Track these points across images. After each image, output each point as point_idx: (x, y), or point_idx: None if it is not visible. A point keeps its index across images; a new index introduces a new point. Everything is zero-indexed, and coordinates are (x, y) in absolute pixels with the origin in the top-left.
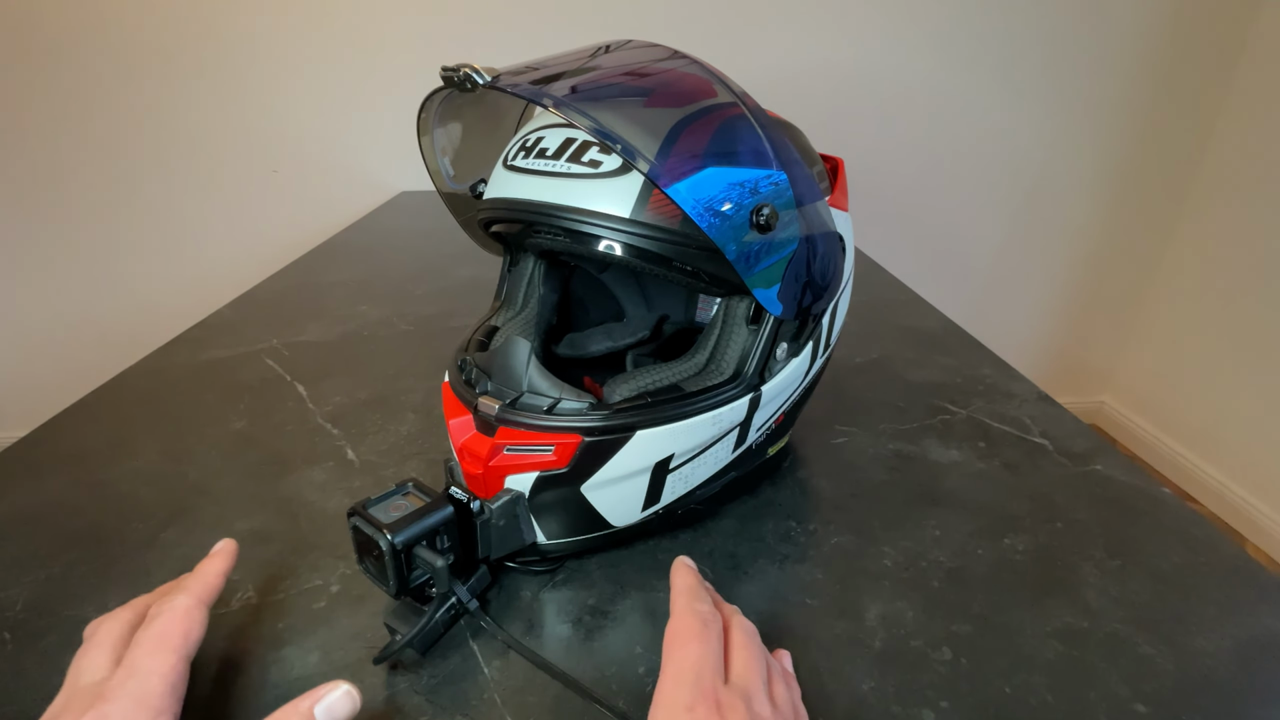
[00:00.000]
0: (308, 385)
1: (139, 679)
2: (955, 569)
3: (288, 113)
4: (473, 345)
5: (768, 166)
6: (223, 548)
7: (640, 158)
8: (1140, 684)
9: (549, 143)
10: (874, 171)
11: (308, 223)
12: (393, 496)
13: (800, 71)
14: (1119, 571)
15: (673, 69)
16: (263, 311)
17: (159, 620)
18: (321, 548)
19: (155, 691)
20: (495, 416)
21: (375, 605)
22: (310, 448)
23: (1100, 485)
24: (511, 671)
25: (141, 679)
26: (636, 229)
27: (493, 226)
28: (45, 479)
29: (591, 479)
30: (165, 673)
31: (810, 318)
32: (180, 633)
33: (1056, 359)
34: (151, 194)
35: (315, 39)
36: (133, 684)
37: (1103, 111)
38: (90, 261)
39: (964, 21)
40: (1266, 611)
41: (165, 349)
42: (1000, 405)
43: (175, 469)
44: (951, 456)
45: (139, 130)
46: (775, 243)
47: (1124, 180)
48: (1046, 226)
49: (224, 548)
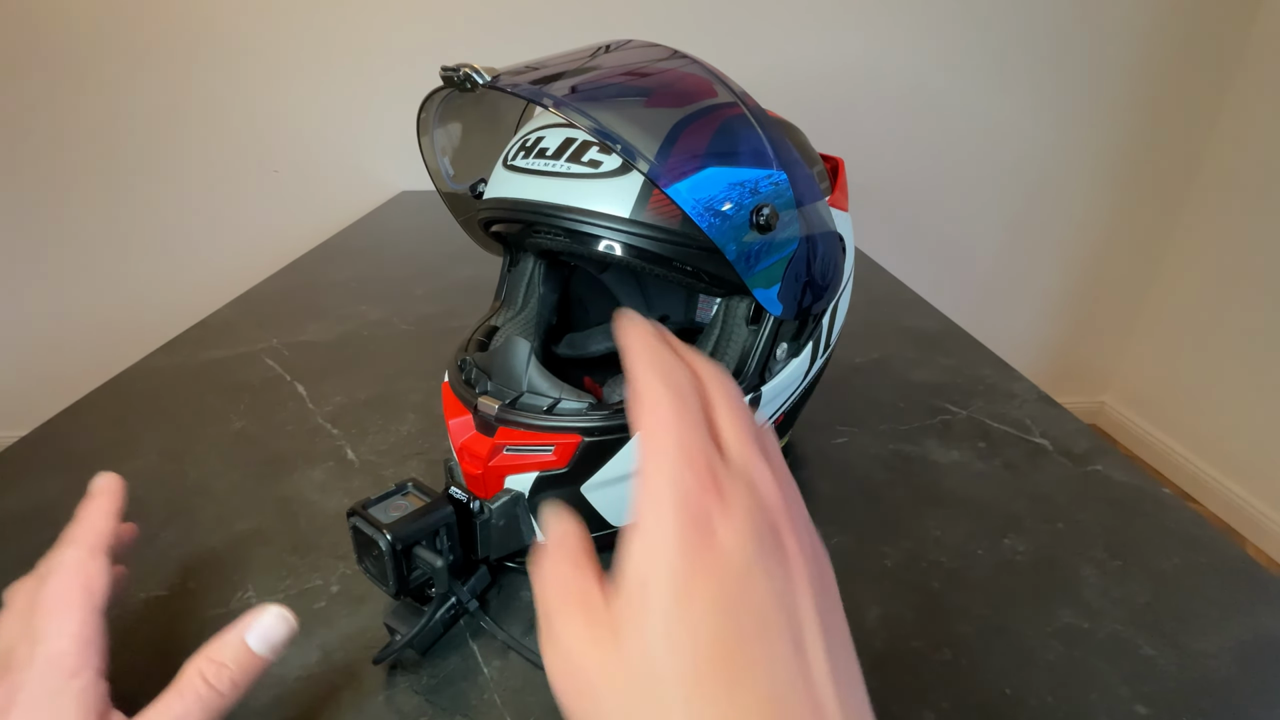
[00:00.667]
0: (308, 385)
1: (46, 643)
2: (955, 569)
3: (288, 113)
4: (473, 345)
5: (768, 166)
6: (103, 485)
7: (640, 158)
8: (1141, 685)
9: (549, 142)
10: (874, 171)
11: (308, 223)
12: (392, 496)
13: (800, 71)
14: (1119, 572)
15: (673, 69)
16: (263, 311)
17: (52, 579)
18: (321, 548)
19: (66, 651)
20: (495, 416)
21: (375, 605)
22: (310, 448)
23: (1100, 486)
24: (511, 671)
25: (49, 642)
26: (636, 229)
27: (493, 226)
28: (45, 479)
29: (591, 479)
30: (73, 632)
31: (810, 318)
32: (79, 587)
33: (1056, 359)
34: (151, 194)
35: (316, 39)
36: (40, 649)
37: (1103, 111)
38: (90, 261)
39: (964, 21)
40: (1267, 612)
41: (165, 349)
42: (1000, 405)
43: (175, 469)
44: (952, 457)
45: (138, 130)
46: (775, 243)
47: (1124, 180)
48: (1047, 226)
49: (104, 485)
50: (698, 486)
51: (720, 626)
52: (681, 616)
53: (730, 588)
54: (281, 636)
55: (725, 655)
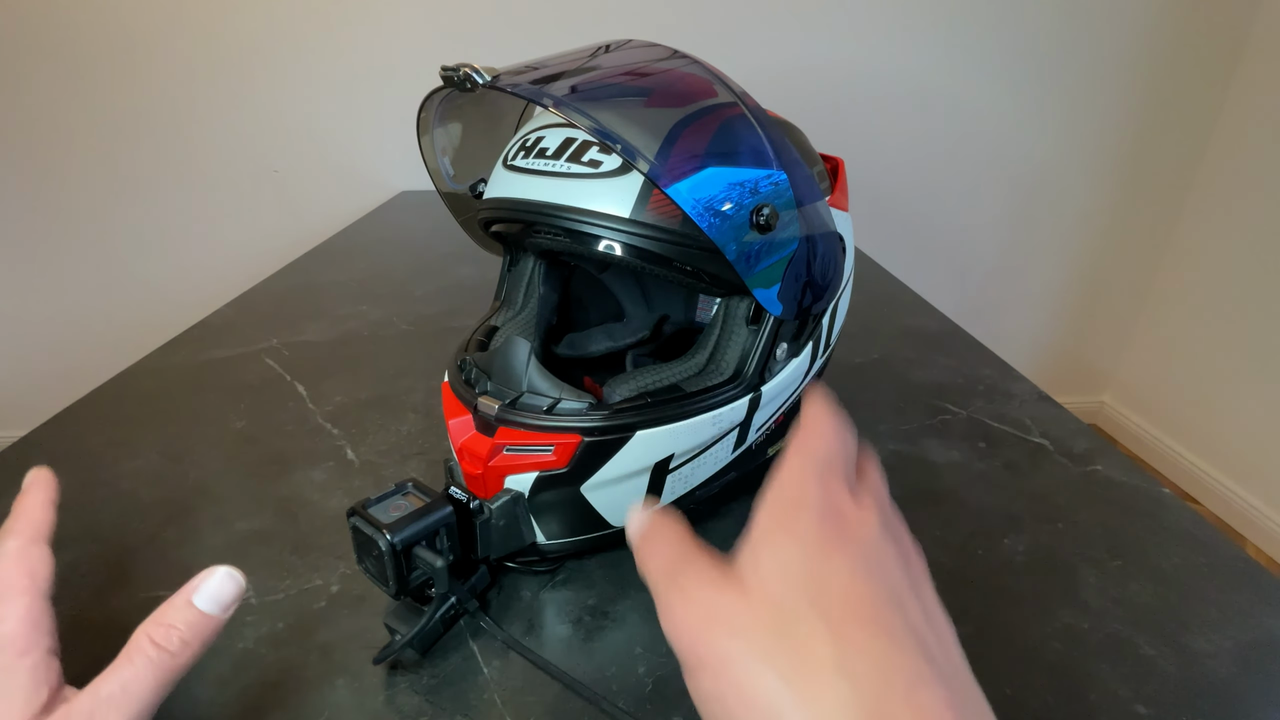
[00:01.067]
0: (308, 385)
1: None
2: (955, 569)
3: (288, 113)
4: (473, 345)
5: (768, 166)
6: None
7: (640, 158)
8: (1141, 685)
9: (549, 142)
10: (874, 171)
11: (308, 223)
12: (392, 496)
13: (800, 71)
14: (1119, 572)
15: (673, 69)
16: (263, 311)
17: None
18: (321, 548)
19: (17, 633)
20: (495, 416)
21: (375, 605)
22: (310, 448)
23: (1100, 485)
24: (511, 671)
25: None
26: (636, 229)
27: (493, 226)
28: None
29: (591, 479)
30: (22, 615)
31: (810, 318)
32: (25, 573)
33: (1056, 359)
34: (151, 194)
35: (315, 39)
36: None
37: (1103, 111)
38: (90, 261)
39: (965, 21)
40: (1267, 612)
41: (165, 349)
42: (1000, 405)
43: (175, 469)
44: (951, 457)
45: (138, 130)
46: (775, 243)
47: (1124, 180)
48: (1047, 226)
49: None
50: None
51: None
52: (828, 565)
53: (869, 551)
54: (230, 594)
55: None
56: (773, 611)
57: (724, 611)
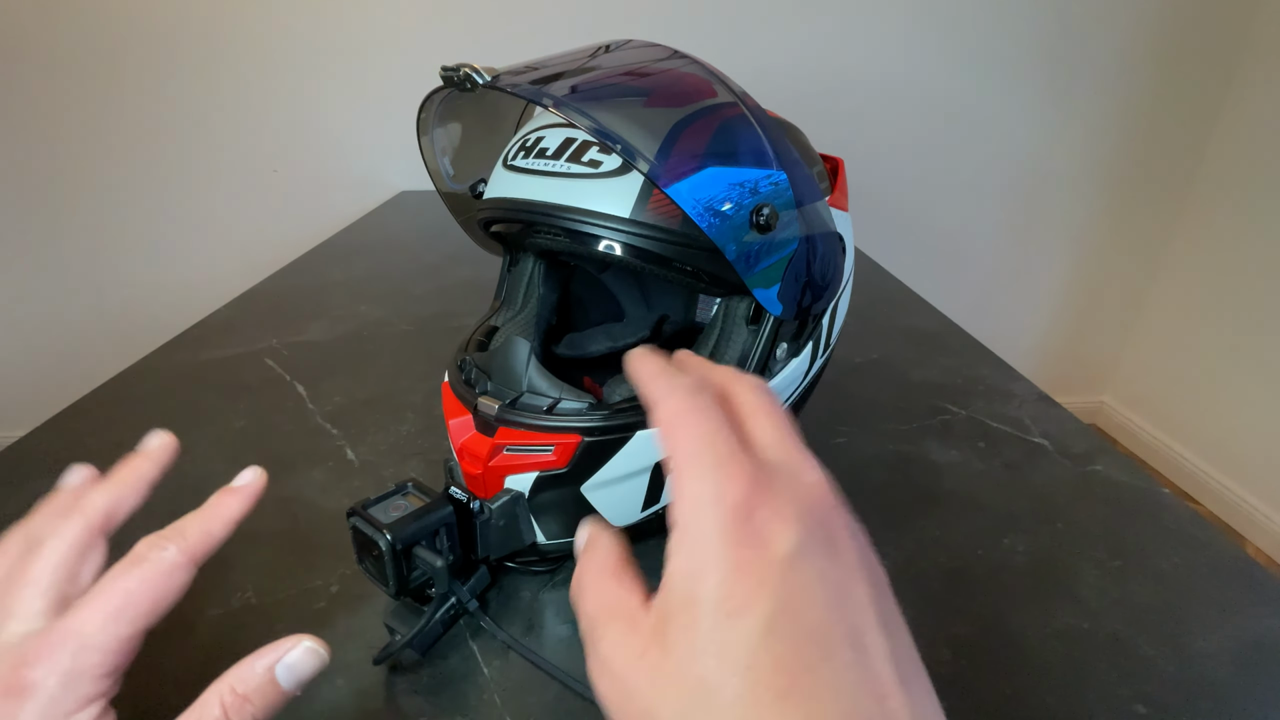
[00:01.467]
0: (308, 385)
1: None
2: (955, 570)
3: (288, 113)
4: (472, 345)
5: (768, 166)
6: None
7: (640, 158)
8: (1141, 685)
9: (549, 142)
10: (874, 171)
11: (308, 223)
12: (392, 497)
13: (800, 71)
14: (1119, 572)
15: (672, 69)
16: (263, 311)
17: (134, 574)
18: (321, 548)
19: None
20: (495, 416)
21: (375, 605)
22: (310, 448)
23: (1100, 485)
24: (511, 671)
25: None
26: (636, 229)
27: (493, 226)
28: (45, 479)
29: (591, 479)
30: (116, 649)
31: (810, 318)
32: (154, 598)
33: (1056, 359)
34: (151, 194)
35: (315, 39)
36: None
37: (1103, 111)
38: (90, 261)
39: (965, 21)
40: (1266, 612)
41: (165, 349)
42: (1000, 405)
43: (175, 469)
44: (951, 457)
45: (138, 130)
46: (775, 243)
47: (1124, 180)
48: (1046, 226)
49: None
50: (735, 484)
51: (776, 641)
52: (734, 632)
53: (783, 594)
54: (310, 671)
55: (784, 670)
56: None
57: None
